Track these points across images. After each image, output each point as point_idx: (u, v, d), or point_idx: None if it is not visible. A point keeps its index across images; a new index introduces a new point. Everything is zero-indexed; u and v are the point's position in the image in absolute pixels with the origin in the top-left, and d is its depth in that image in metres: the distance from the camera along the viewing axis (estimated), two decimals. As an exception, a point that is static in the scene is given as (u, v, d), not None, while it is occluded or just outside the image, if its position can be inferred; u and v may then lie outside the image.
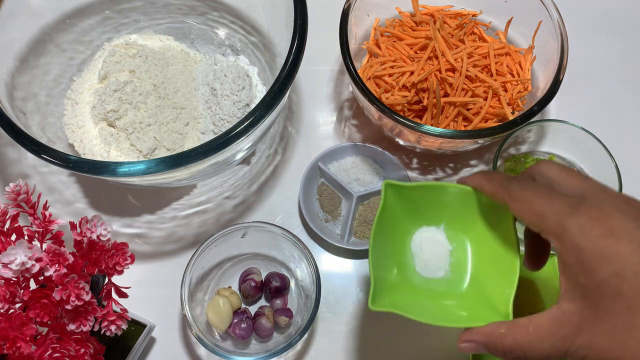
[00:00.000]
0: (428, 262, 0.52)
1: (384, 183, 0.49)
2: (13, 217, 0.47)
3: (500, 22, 0.71)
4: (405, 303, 0.47)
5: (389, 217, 0.49)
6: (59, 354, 0.45)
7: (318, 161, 0.68)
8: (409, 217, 0.52)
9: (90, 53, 0.71)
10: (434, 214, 0.52)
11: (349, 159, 0.70)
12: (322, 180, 0.70)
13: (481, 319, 0.44)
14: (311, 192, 0.69)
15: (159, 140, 0.64)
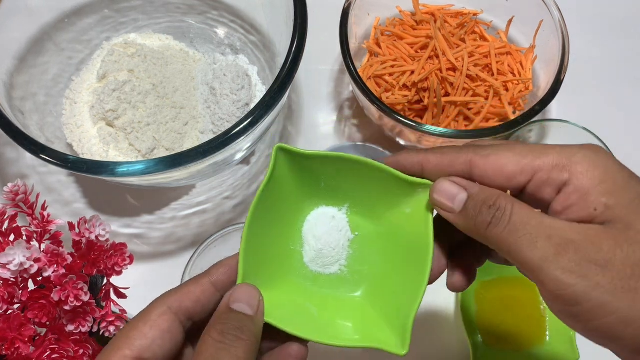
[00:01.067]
0: (320, 252, 0.41)
1: (275, 147, 0.37)
2: (11, 217, 0.47)
3: (501, 21, 0.71)
4: (282, 306, 0.38)
5: (279, 191, 0.39)
6: (57, 355, 0.44)
7: None
8: (306, 193, 0.41)
9: (89, 52, 0.71)
10: (338, 192, 0.41)
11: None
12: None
13: (372, 339, 0.37)
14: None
15: (158, 140, 0.64)
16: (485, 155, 0.35)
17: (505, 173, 0.34)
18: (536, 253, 0.31)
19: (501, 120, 0.66)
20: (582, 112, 0.74)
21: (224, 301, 0.36)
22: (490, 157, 0.34)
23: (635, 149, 0.73)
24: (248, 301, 0.35)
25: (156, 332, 0.35)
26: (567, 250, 0.30)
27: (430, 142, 0.64)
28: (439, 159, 0.36)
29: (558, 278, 0.30)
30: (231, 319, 0.34)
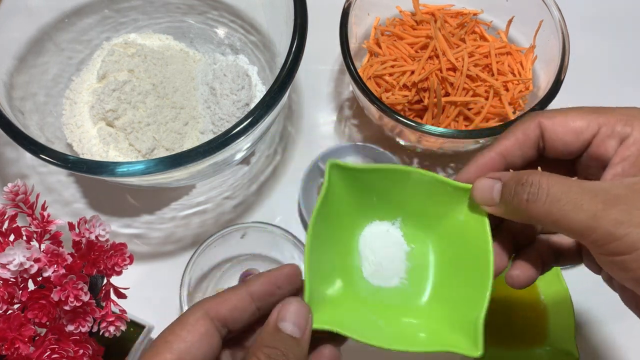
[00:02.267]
0: (379, 266, 0.42)
1: (328, 163, 0.39)
2: (11, 217, 0.47)
3: (501, 21, 0.71)
4: (350, 319, 0.38)
5: (334, 208, 0.40)
6: (57, 355, 0.44)
7: (318, 161, 0.67)
8: (359, 209, 0.41)
9: (89, 52, 0.71)
10: (390, 205, 0.41)
11: (349, 159, 0.69)
12: (322, 181, 0.67)
13: (443, 343, 0.37)
14: (311, 192, 0.68)
15: (158, 140, 0.64)
16: (552, 116, 0.37)
17: (573, 128, 0.36)
18: (583, 214, 0.31)
19: (501, 120, 0.66)
20: (582, 112, 0.73)
21: (272, 317, 0.36)
22: (557, 117, 0.37)
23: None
24: (296, 321, 0.35)
25: (194, 335, 0.35)
26: (616, 203, 0.31)
27: (430, 143, 0.64)
28: (513, 139, 0.38)
29: (609, 231, 0.31)
30: (278, 342, 0.34)
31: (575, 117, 0.37)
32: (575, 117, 0.37)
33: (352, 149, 0.69)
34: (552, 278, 0.61)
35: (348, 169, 0.39)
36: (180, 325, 0.36)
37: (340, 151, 0.69)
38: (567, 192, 0.32)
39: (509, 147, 0.39)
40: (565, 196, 0.32)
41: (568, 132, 0.37)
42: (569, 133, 0.37)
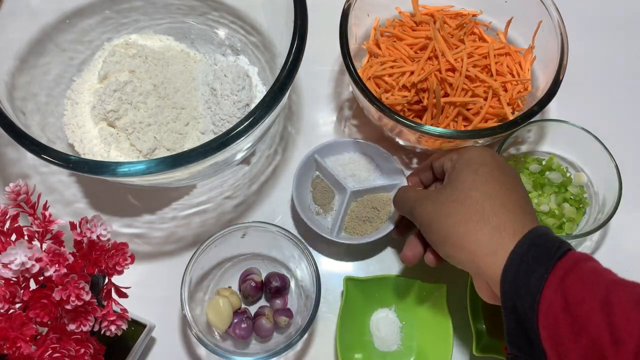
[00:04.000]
0: (384, 339, 0.63)
1: (344, 279, 0.61)
2: (13, 217, 0.47)
3: (500, 22, 0.71)
4: None
5: (351, 305, 0.61)
6: (59, 354, 0.45)
7: (315, 153, 0.67)
8: (367, 303, 0.64)
9: (90, 53, 0.71)
10: (386, 298, 0.64)
11: (347, 155, 0.70)
12: (317, 174, 0.69)
13: None
14: (305, 184, 0.69)
15: (159, 140, 0.64)
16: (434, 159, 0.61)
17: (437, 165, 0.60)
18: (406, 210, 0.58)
19: (500, 120, 0.66)
20: (580, 112, 0.74)
21: None
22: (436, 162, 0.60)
23: (634, 148, 0.73)
24: None
25: None
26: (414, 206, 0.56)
27: (429, 143, 0.64)
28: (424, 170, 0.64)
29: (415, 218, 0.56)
30: None
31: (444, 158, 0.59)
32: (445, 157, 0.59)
33: (352, 145, 0.70)
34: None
35: (357, 280, 0.62)
36: None
37: (339, 146, 0.69)
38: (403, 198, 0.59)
39: (421, 174, 0.64)
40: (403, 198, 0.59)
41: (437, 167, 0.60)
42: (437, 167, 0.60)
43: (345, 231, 0.67)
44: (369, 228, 0.66)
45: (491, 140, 0.63)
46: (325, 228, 0.66)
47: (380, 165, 0.70)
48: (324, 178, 0.69)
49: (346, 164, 0.69)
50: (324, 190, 0.69)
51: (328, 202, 0.68)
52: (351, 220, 0.67)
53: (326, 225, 0.67)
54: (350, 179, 0.68)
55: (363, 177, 0.69)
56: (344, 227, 0.67)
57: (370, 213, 0.67)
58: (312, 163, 0.68)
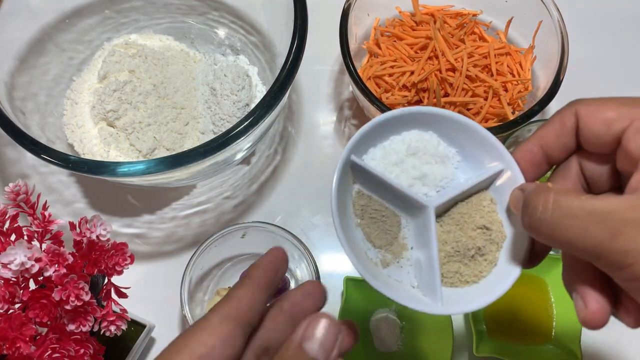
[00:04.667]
0: (384, 340, 0.61)
1: (345, 279, 0.59)
2: (12, 217, 0.47)
3: (500, 22, 0.71)
4: None
5: (351, 305, 0.60)
6: (58, 354, 0.45)
7: (351, 153, 0.38)
8: (367, 303, 0.62)
9: (89, 53, 0.71)
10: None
11: (397, 139, 0.40)
12: (357, 187, 0.40)
13: None
14: (347, 212, 0.39)
15: (158, 140, 0.64)
16: (588, 104, 0.35)
17: (604, 118, 0.34)
18: (589, 241, 0.30)
19: (500, 120, 0.66)
20: (581, 112, 0.73)
21: (297, 333, 0.33)
22: (591, 106, 0.35)
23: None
24: (323, 342, 0.33)
25: (215, 339, 0.33)
26: (623, 230, 0.29)
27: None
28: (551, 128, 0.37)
29: (616, 260, 0.29)
30: None
31: (608, 107, 0.34)
32: (609, 107, 0.34)
33: (399, 121, 0.40)
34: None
35: (358, 281, 0.60)
36: (201, 327, 0.34)
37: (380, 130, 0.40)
38: (571, 215, 0.30)
39: (547, 138, 0.37)
40: (569, 221, 0.30)
41: (598, 123, 0.34)
42: (598, 124, 0.34)
43: (445, 282, 0.38)
44: (484, 267, 0.38)
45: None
46: (406, 287, 0.39)
47: (457, 142, 0.41)
48: (371, 193, 0.40)
49: (404, 159, 0.40)
50: (380, 218, 0.40)
51: (394, 236, 0.39)
52: (447, 259, 0.39)
53: (409, 281, 0.39)
54: (420, 185, 0.39)
55: (439, 173, 0.40)
56: (442, 277, 0.38)
57: (477, 238, 0.38)
58: (347, 170, 0.39)
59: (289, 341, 0.33)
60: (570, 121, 0.36)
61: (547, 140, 0.37)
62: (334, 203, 0.36)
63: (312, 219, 0.68)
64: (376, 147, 0.40)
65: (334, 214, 0.36)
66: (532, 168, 0.38)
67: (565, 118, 0.36)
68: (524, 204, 0.34)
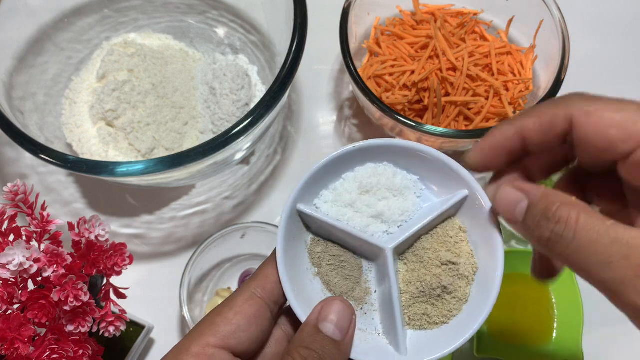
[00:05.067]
0: None
1: None
2: (11, 217, 0.47)
3: (501, 21, 0.71)
4: None
5: None
6: (57, 355, 0.44)
7: (296, 202, 0.38)
8: None
9: (88, 52, 0.71)
10: None
11: (349, 176, 0.38)
12: (311, 236, 0.38)
13: None
14: (301, 267, 0.37)
15: (157, 140, 0.64)
16: (588, 112, 0.29)
17: (608, 138, 0.29)
18: (610, 274, 0.27)
19: (501, 120, 0.65)
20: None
21: (313, 315, 0.34)
22: (593, 116, 0.29)
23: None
24: (338, 323, 0.33)
25: (241, 318, 0.33)
26: None
27: (430, 142, 0.64)
28: (537, 123, 0.32)
29: (636, 303, 0.27)
30: (316, 343, 0.32)
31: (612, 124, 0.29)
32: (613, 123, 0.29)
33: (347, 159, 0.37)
34: (565, 278, 0.61)
35: None
36: (228, 306, 0.34)
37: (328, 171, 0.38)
38: (595, 241, 0.27)
39: (530, 130, 0.32)
40: (593, 247, 0.27)
41: (601, 140, 0.29)
42: (601, 141, 0.29)
43: (411, 326, 0.37)
44: (452, 305, 0.36)
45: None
46: (375, 336, 0.37)
47: (416, 170, 0.38)
48: (328, 239, 0.38)
49: (357, 198, 0.37)
50: (338, 264, 0.38)
51: (355, 282, 0.38)
52: (412, 303, 0.37)
53: (374, 328, 0.37)
54: (377, 224, 0.37)
55: (397, 209, 0.37)
56: (405, 321, 0.37)
57: (443, 275, 0.36)
58: (297, 220, 0.38)
59: (304, 324, 0.33)
60: (561, 126, 0.31)
61: (529, 134, 0.33)
62: (280, 259, 0.35)
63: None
64: (328, 189, 0.38)
65: (280, 271, 0.35)
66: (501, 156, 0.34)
67: (557, 120, 0.31)
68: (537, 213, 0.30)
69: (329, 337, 0.32)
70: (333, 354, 0.32)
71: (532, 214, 0.30)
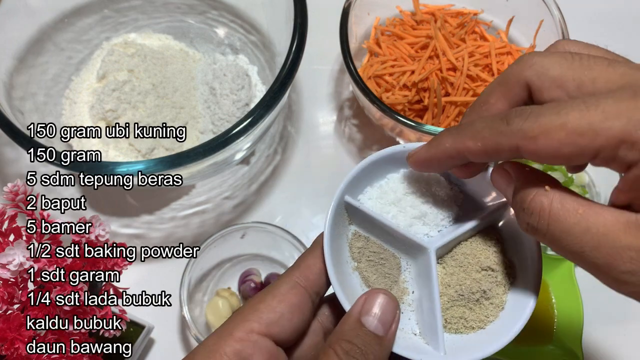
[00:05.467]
0: None
1: None
2: (11, 217, 0.47)
3: (501, 21, 0.71)
4: None
5: None
6: (57, 355, 0.44)
7: (344, 194, 0.37)
8: None
9: (88, 52, 0.71)
10: None
11: (395, 177, 0.39)
12: (353, 229, 0.38)
13: None
14: (341, 259, 0.37)
15: (157, 140, 0.64)
16: (534, 137, 0.28)
17: (563, 156, 0.27)
18: (585, 263, 0.28)
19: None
20: (582, 112, 0.73)
21: (356, 308, 0.33)
22: (539, 141, 0.27)
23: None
24: (382, 317, 0.32)
25: (285, 306, 0.33)
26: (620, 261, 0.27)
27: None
28: (480, 149, 0.30)
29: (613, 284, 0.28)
30: (358, 337, 0.31)
31: (561, 145, 0.27)
32: (562, 144, 0.27)
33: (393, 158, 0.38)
34: (565, 278, 0.61)
35: None
36: (271, 294, 0.34)
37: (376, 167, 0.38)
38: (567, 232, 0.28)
39: (473, 154, 0.31)
40: (566, 238, 0.28)
41: (556, 159, 0.28)
42: (557, 160, 0.28)
43: (448, 329, 0.36)
44: (490, 311, 0.36)
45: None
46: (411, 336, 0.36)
47: (459, 179, 0.39)
48: (369, 235, 0.38)
49: (401, 198, 0.38)
50: (378, 261, 0.38)
51: (394, 280, 0.37)
52: (450, 306, 0.36)
53: (410, 328, 0.36)
54: (421, 225, 0.38)
55: (440, 213, 0.38)
56: (444, 323, 0.36)
57: (483, 280, 0.36)
58: (342, 211, 0.38)
59: (346, 316, 0.33)
60: (508, 155, 0.29)
61: (472, 157, 0.31)
62: (327, 247, 0.35)
63: (312, 219, 0.68)
64: (373, 187, 0.38)
65: (327, 259, 0.35)
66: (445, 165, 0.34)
67: (502, 149, 0.29)
68: (516, 202, 0.31)
69: (372, 332, 0.32)
70: (375, 350, 0.31)
71: (514, 202, 0.31)
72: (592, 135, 0.26)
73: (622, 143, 0.26)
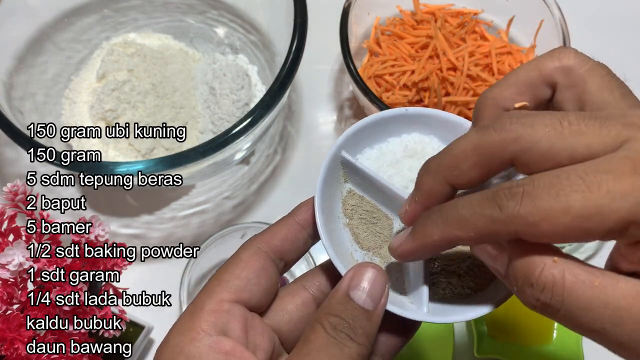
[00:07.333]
0: None
1: None
2: (11, 217, 0.47)
3: (501, 21, 0.71)
4: None
5: None
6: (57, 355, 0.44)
7: (341, 149, 0.37)
8: None
9: (88, 52, 0.71)
10: None
11: (395, 140, 0.39)
12: (348, 187, 0.38)
13: None
14: (332, 215, 0.37)
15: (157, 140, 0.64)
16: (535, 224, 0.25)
17: (568, 239, 0.26)
18: (605, 341, 0.27)
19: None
20: (582, 111, 0.73)
21: (344, 282, 0.31)
22: (542, 227, 0.25)
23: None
24: (370, 291, 0.31)
25: (250, 272, 0.33)
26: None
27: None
28: (474, 238, 0.27)
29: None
30: (346, 312, 0.30)
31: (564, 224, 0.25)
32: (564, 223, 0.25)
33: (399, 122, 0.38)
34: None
35: None
36: (234, 263, 0.34)
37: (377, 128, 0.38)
38: (586, 309, 0.25)
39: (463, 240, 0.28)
40: (585, 315, 0.25)
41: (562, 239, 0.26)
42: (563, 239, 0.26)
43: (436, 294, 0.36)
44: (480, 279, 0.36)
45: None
46: (396, 295, 0.36)
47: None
48: (363, 194, 0.38)
49: (400, 160, 0.38)
50: (371, 219, 0.38)
51: (383, 240, 0.37)
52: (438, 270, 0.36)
53: (396, 288, 0.36)
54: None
55: None
56: (430, 283, 0.36)
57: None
58: (338, 167, 0.38)
59: (335, 291, 0.32)
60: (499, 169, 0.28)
61: None
62: (318, 198, 0.35)
63: (312, 219, 0.68)
64: (372, 148, 0.38)
65: (316, 209, 0.35)
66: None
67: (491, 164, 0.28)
68: (517, 277, 0.27)
69: (360, 306, 0.31)
70: (364, 325, 0.31)
71: (513, 276, 0.27)
72: (600, 219, 0.24)
73: (632, 224, 0.24)
